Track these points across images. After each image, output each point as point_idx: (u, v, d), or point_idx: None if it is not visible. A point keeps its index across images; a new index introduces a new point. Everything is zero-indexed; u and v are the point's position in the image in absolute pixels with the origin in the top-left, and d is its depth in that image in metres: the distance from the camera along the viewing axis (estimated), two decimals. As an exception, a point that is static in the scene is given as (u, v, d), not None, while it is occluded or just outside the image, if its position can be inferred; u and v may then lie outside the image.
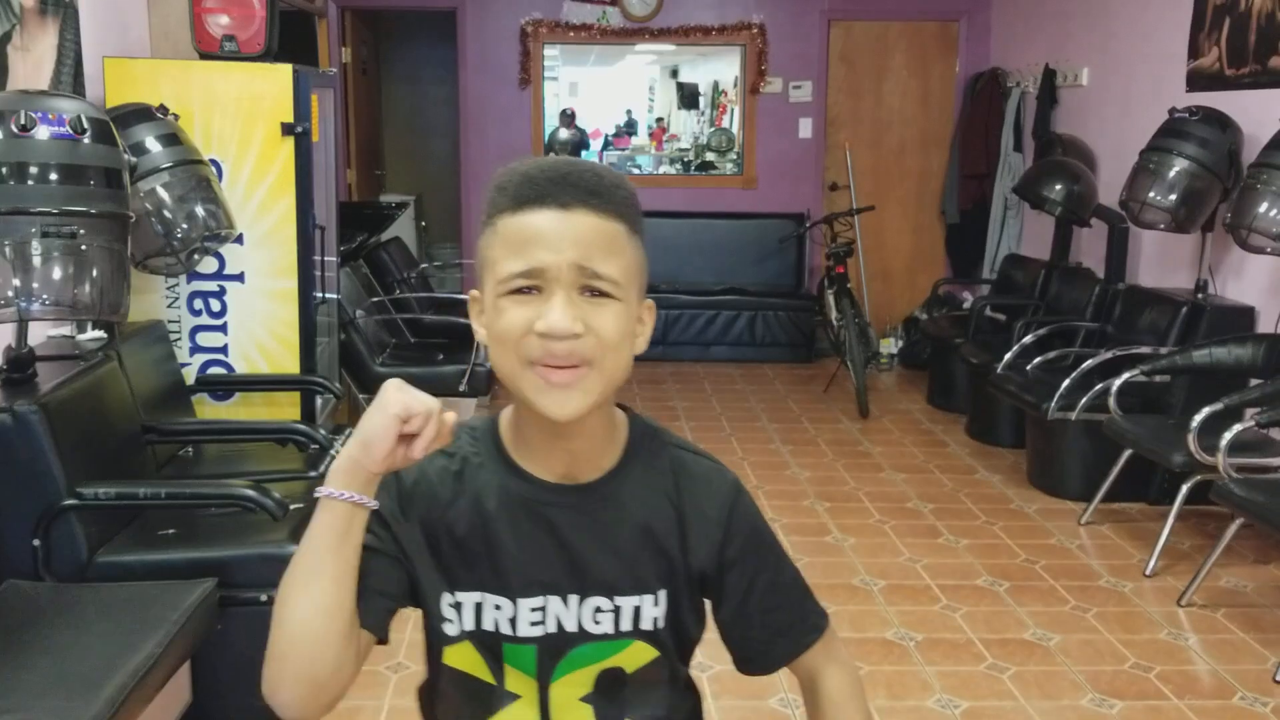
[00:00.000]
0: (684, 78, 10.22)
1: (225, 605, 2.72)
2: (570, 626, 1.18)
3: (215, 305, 3.91)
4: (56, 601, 2.60)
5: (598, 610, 1.17)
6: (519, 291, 1.08)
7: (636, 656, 1.20)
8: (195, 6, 3.86)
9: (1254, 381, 4.21)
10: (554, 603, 1.17)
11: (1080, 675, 3.27)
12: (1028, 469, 5.08)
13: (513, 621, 1.17)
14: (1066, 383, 4.58)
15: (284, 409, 4.01)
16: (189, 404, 3.77)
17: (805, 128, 7.79)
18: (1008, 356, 5.16)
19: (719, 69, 9.39)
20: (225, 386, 3.95)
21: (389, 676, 3.18)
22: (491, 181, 1.14)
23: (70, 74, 3.64)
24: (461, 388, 5.02)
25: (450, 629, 1.18)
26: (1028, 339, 5.25)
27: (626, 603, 1.18)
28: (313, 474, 3.42)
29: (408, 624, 3.39)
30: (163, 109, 3.58)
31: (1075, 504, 4.68)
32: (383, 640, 1.18)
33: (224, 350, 3.93)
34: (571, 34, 7.68)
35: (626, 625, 1.18)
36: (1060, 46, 6.50)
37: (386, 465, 1.07)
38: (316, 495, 1.09)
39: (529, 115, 7.77)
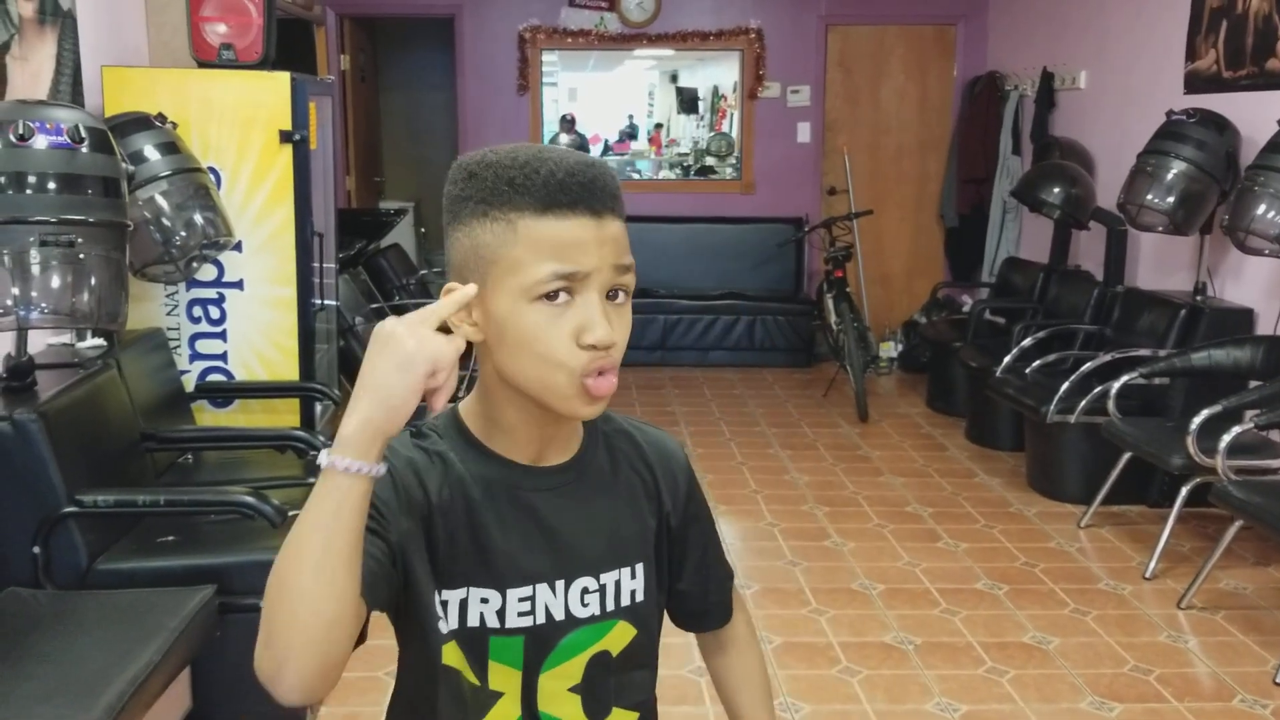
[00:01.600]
0: (683, 83, 10.23)
1: (224, 612, 2.72)
2: (558, 614, 1.16)
3: (214, 313, 3.92)
4: (56, 609, 2.60)
5: (585, 592, 1.16)
6: (547, 297, 1.05)
7: (620, 638, 1.20)
8: (193, 15, 3.87)
9: (1253, 383, 4.21)
10: (542, 590, 1.15)
11: (1080, 678, 3.27)
12: (1027, 472, 5.08)
13: (500, 614, 1.13)
14: (1065, 386, 4.59)
15: (283, 416, 4.02)
16: (188, 411, 3.78)
17: (803, 132, 7.80)
18: (1007, 360, 5.17)
19: (718, 74, 9.41)
20: (224, 393, 3.96)
21: (388, 682, 3.18)
22: (486, 170, 1.08)
23: (69, 83, 3.65)
24: (460, 393, 5.01)
25: (443, 627, 1.14)
26: (1027, 342, 5.25)
27: (609, 579, 1.18)
28: (311, 480, 3.41)
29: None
30: (161, 117, 3.59)
31: (1075, 507, 4.68)
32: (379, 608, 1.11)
33: (223, 357, 3.94)
34: (569, 40, 7.69)
35: (610, 604, 1.18)
36: (1058, 50, 6.51)
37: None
38: (327, 465, 0.96)
39: (527, 121, 7.79)
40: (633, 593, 1.20)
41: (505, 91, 7.71)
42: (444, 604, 1.13)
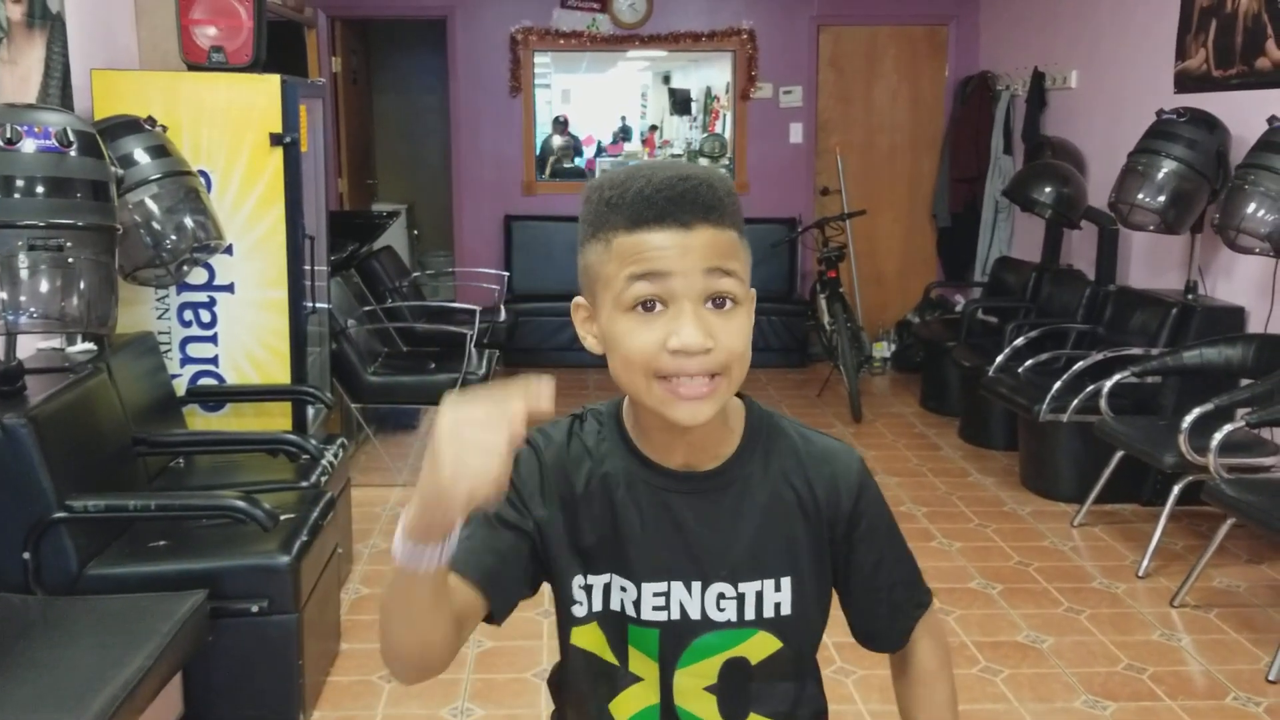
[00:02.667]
0: (676, 84, 10.24)
1: (216, 616, 2.72)
2: (694, 614, 1.19)
3: (205, 316, 3.91)
4: (47, 614, 2.59)
5: (721, 597, 1.19)
6: (643, 306, 1.09)
7: (761, 648, 1.21)
8: (183, 18, 3.86)
9: (1244, 381, 4.22)
10: (677, 588, 1.18)
11: (1073, 677, 3.27)
12: (1020, 471, 5.08)
13: (636, 605, 1.18)
14: (1058, 385, 4.59)
15: (275, 419, 4.01)
16: (180, 415, 3.77)
17: (796, 133, 7.80)
18: (999, 359, 5.17)
19: (711, 75, 9.41)
20: (216, 397, 3.95)
21: (382, 687, 3.17)
22: (595, 192, 1.14)
23: (58, 86, 3.64)
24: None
25: (579, 610, 1.20)
26: (1019, 341, 5.26)
27: (749, 589, 1.19)
28: (304, 484, 3.42)
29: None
30: (151, 120, 3.58)
31: (1068, 506, 4.69)
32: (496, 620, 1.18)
33: (214, 361, 3.93)
34: (562, 41, 7.68)
35: (750, 614, 1.20)
36: (1049, 49, 6.52)
37: None
38: (395, 560, 1.04)
39: (520, 123, 7.77)
40: (777, 605, 1.21)
41: (498, 93, 7.70)
42: (588, 588, 1.20)
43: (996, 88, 7.16)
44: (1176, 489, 3.96)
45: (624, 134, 10.07)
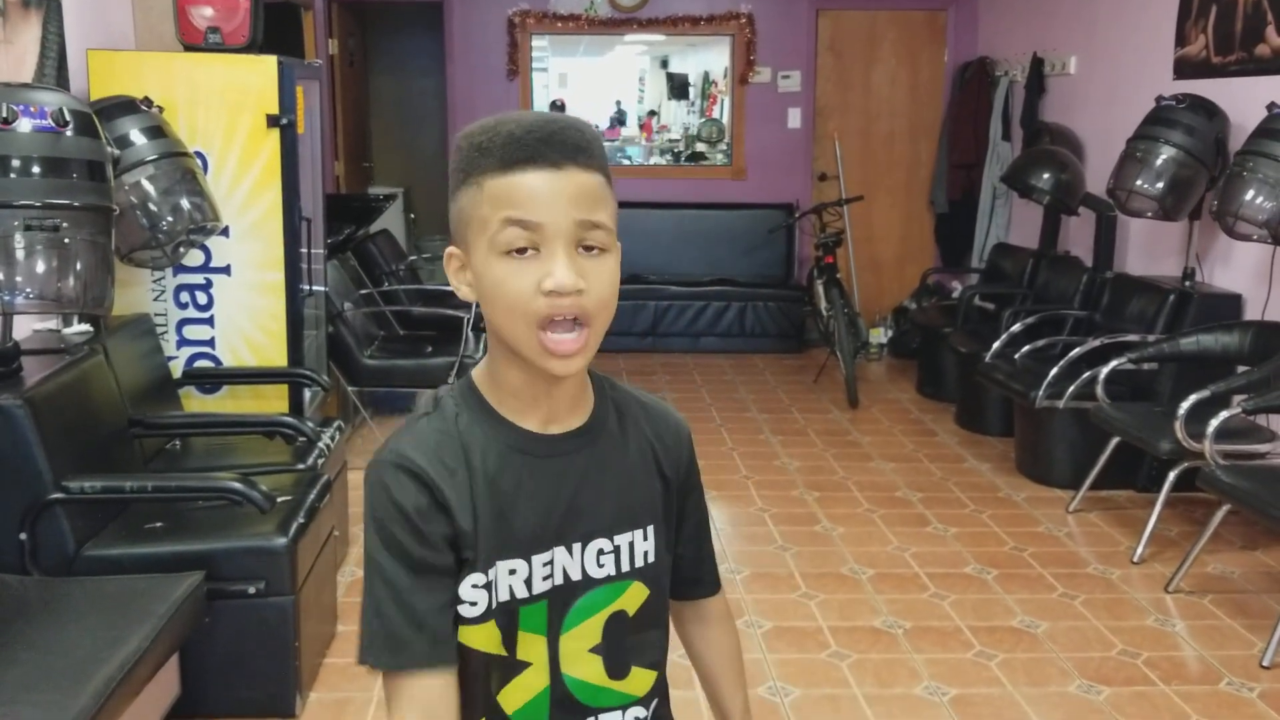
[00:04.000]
0: (674, 68, 10.20)
1: (213, 598, 2.72)
2: (575, 575, 1.19)
3: (202, 298, 3.90)
4: (43, 595, 2.59)
5: (600, 553, 1.20)
6: (516, 251, 1.10)
7: (635, 598, 1.24)
8: (179, -2, 3.84)
9: (1241, 368, 4.22)
10: (559, 554, 1.18)
11: (1068, 662, 3.28)
12: (1016, 457, 5.09)
13: (528, 582, 1.17)
14: (1054, 371, 4.59)
15: (271, 402, 4.01)
16: (176, 397, 3.76)
17: (794, 118, 7.78)
18: (996, 345, 5.17)
19: (709, 59, 9.38)
20: (212, 379, 3.94)
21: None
22: (465, 139, 1.14)
23: (54, 67, 3.62)
24: (450, 379, 5.00)
25: (473, 611, 1.15)
26: (1016, 328, 5.26)
27: (623, 540, 1.22)
28: (300, 466, 3.42)
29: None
30: (147, 101, 3.56)
31: (1063, 492, 4.70)
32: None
33: (211, 343, 3.92)
34: (559, 24, 7.66)
35: (625, 565, 1.22)
36: (1048, 35, 6.50)
37: None
38: None
39: (517, 106, 7.74)
40: (645, 554, 1.23)
41: (495, 76, 7.68)
42: (488, 585, 1.15)
43: (995, 73, 7.15)
44: (1172, 475, 3.97)
45: (620, 118, 10.04)
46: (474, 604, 1.15)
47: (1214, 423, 3.65)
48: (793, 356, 7.34)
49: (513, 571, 1.16)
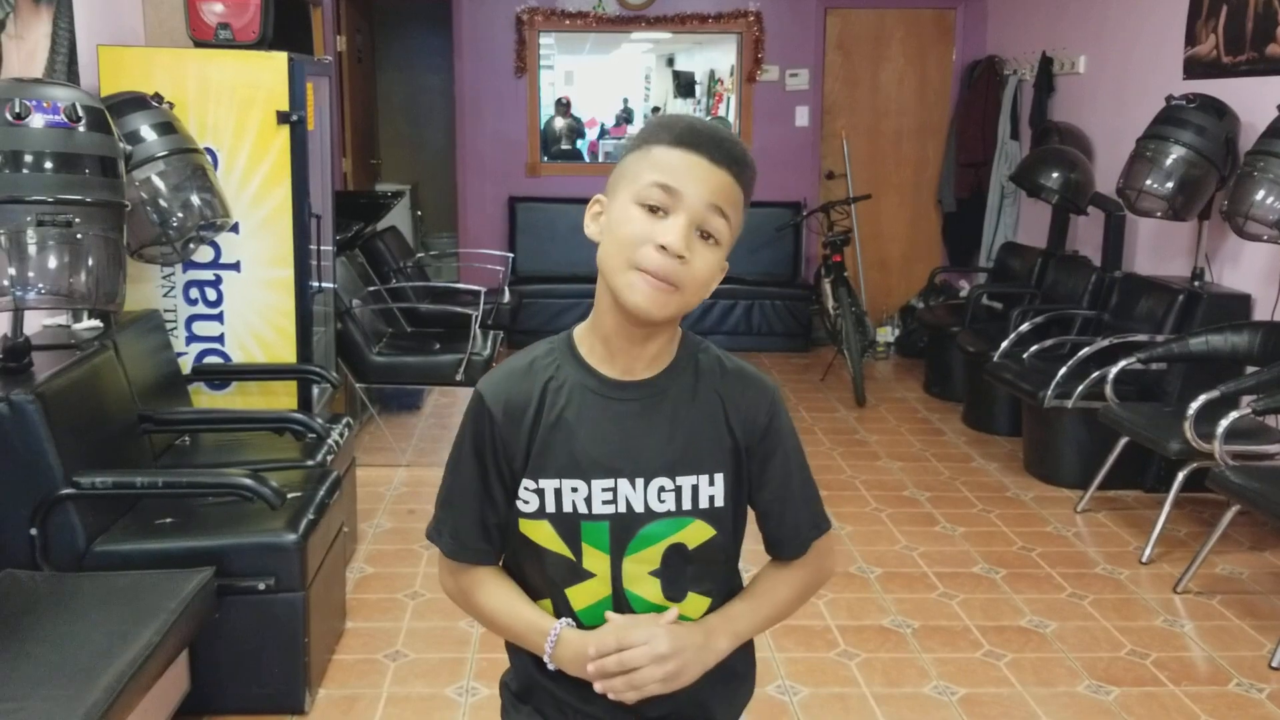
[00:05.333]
0: (680, 66, 10.20)
1: (223, 594, 2.72)
2: (638, 506, 1.36)
3: (211, 294, 3.90)
4: (54, 591, 2.60)
5: (661, 490, 1.36)
6: (651, 208, 1.28)
7: (697, 535, 1.38)
8: (190, -6, 3.84)
9: (1250, 369, 4.21)
10: (622, 485, 1.35)
11: (1077, 662, 3.28)
12: (1024, 457, 5.08)
13: (588, 501, 1.35)
14: (1063, 371, 4.59)
15: (280, 398, 4.01)
16: (185, 393, 3.77)
17: (802, 116, 7.77)
18: (1004, 345, 5.16)
19: (715, 57, 9.37)
20: (222, 376, 3.95)
21: (387, 665, 3.18)
22: (654, 120, 1.37)
23: (64, 62, 3.62)
24: (458, 377, 5.01)
25: (526, 507, 1.37)
26: (1024, 327, 5.25)
27: (686, 482, 1.37)
28: (310, 463, 3.42)
29: (404, 614, 3.34)
30: (158, 97, 3.56)
31: (1071, 492, 4.69)
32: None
33: (220, 339, 3.92)
34: (567, 22, 7.65)
35: (687, 504, 1.37)
36: (1057, 34, 6.49)
37: None
38: (550, 659, 1.39)
39: (525, 104, 7.75)
40: (711, 498, 1.38)
41: (502, 73, 7.67)
42: (539, 491, 1.36)
43: (1004, 72, 7.14)
44: (1181, 476, 3.96)
45: (626, 116, 10.04)
46: (526, 502, 1.37)
47: (1224, 423, 3.64)
48: (800, 355, 7.34)
49: (574, 490, 1.35)
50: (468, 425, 1.40)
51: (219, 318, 3.91)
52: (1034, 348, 5.01)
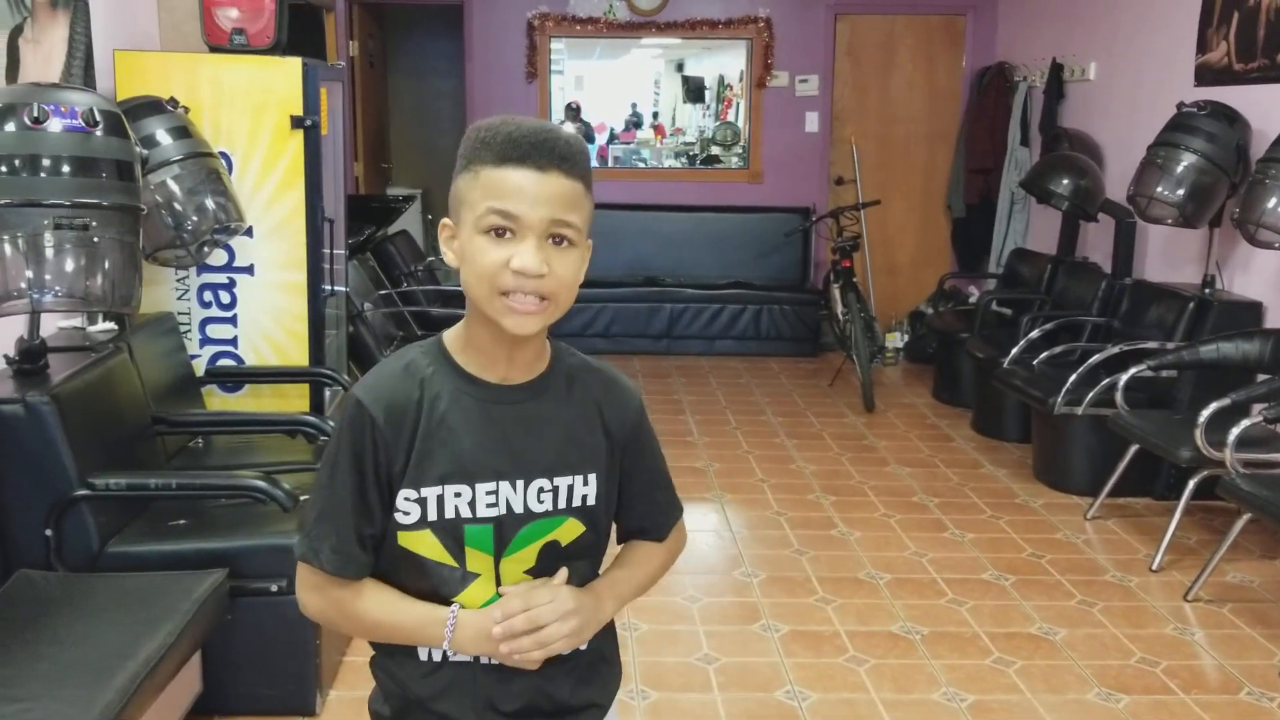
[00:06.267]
0: (689, 71, 10.21)
1: (235, 595, 2.74)
2: (518, 508, 1.39)
3: (225, 297, 3.92)
4: (68, 591, 2.61)
5: (540, 490, 1.40)
6: (495, 232, 1.30)
7: (570, 532, 1.43)
8: (205, 0, 3.86)
9: (1261, 377, 4.20)
10: (504, 487, 1.38)
11: (1086, 669, 3.28)
12: (1034, 463, 5.08)
13: (472, 505, 1.37)
14: (1073, 377, 4.58)
15: (292, 401, 4.03)
16: (198, 395, 3.78)
17: (811, 122, 7.78)
18: (1014, 351, 5.16)
19: (724, 63, 9.38)
20: (234, 378, 3.96)
21: (397, 667, 3.19)
22: (474, 131, 1.34)
23: (80, 66, 3.65)
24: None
25: (406, 519, 1.37)
26: (1034, 333, 5.25)
27: (563, 482, 1.41)
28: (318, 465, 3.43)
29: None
30: (173, 102, 3.58)
31: (1081, 499, 4.69)
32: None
33: (233, 342, 3.94)
34: (578, 27, 7.67)
35: (563, 503, 1.41)
36: (1067, 41, 6.49)
37: None
38: (447, 647, 1.38)
39: (535, 109, 7.77)
40: (584, 496, 1.43)
41: (514, 78, 7.70)
42: (421, 501, 1.36)
43: (1014, 79, 7.14)
44: (1191, 483, 3.96)
45: (636, 121, 10.06)
46: (406, 514, 1.37)
47: (1235, 431, 3.64)
48: (808, 360, 7.34)
49: (458, 494, 1.37)
50: (344, 434, 1.37)
51: (232, 320, 3.93)
52: (1044, 354, 5.01)
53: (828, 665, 3.28)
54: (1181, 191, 4.57)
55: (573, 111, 9.17)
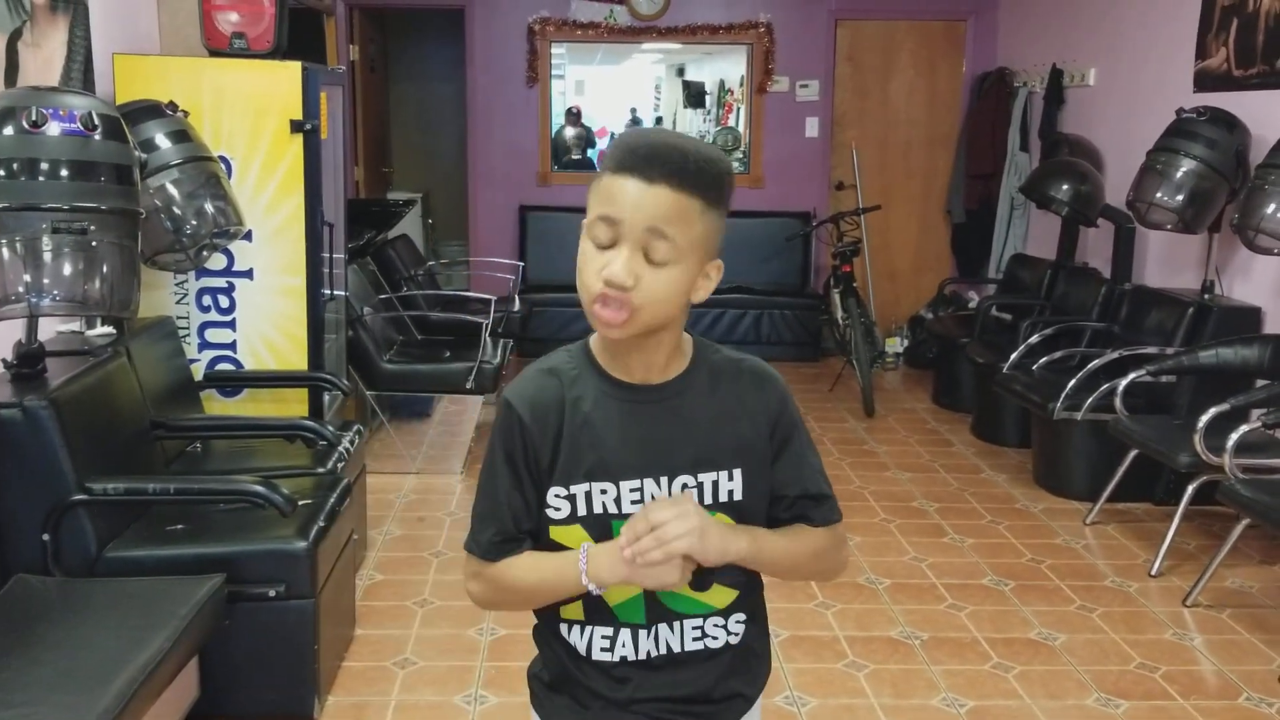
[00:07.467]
0: (690, 76, 10.21)
1: (233, 600, 2.73)
2: None
3: (224, 302, 3.92)
4: (66, 596, 2.61)
5: (684, 486, 1.42)
6: (599, 240, 1.33)
7: None
8: (205, 4, 3.87)
9: (1260, 382, 4.21)
10: (649, 484, 1.41)
11: (1086, 675, 3.27)
12: (1033, 469, 5.08)
13: (618, 501, 1.41)
14: (1073, 383, 4.58)
15: (292, 405, 4.03)
16: (197, 400, 3.78)
17: (812, 127, 7.79)
18: (1014, 356, 5.16)
19: (725, 68, 9.38)
20: (233, 383, 3.96)
21: (396, 673, 3.19)
22: (611, 144, 1.39)
23: (80, 70, 3.65)
24: (468, 385, 5.03)
25: (557, 514, 1.42)
26: (1034, 339, 5.25)
27: (706, 478, 1.43)
28: (320, 470, 3.43)
29: (414, 621, 3.36)
30: (172, 106, 3.59)
31: (1081, 504, 4.68)
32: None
33: (232, 346, 3.94)
34: (579, 32, 7.68)
35: (709, 499, 1.43)
36: (1067, 46, 6.50)
37: None
38: (588, 584, 1.39)
39: (536, 113, 7.77)
40: (730, 492, 1.44)
41: (514, 83, 7.70)
42: (570, 497, 1.41)
43: (1014, 84, 7.14)
44: (1190, 489, 3.95)
45: (636, 126, 10.06)
46: (557, 509, 1.42)
47: (1234, 436, 3.64)
48: (808, 365, 7.33)
49: (604, 491, 1.41)
50: (497, 436, 1.43)
51: (231, 325, 3.93)
52: (1043, 359, 5.00)
53: (827, 670, 3.28)
54: (1181, 197, 4.57)
55: (573, 116, 9.17)
